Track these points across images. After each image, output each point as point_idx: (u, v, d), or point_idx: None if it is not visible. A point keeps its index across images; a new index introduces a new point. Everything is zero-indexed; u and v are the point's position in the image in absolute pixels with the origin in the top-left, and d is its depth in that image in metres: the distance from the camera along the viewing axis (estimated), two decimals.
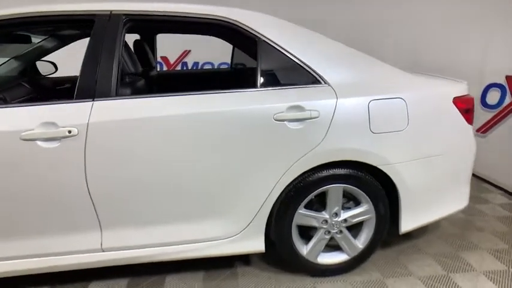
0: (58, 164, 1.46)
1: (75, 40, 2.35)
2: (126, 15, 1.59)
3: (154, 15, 1.62)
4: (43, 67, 2.73)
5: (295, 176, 1.66)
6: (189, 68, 5.44)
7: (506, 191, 2.92)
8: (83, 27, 1.73)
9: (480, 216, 2.51)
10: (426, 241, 2.21)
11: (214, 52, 4.36)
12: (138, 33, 2.57)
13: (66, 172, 1.48)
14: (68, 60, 2.57)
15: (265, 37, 1.67)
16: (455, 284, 1.83)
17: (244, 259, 2.02)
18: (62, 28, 2.03)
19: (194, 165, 1.57)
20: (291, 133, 1.61)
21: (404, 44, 3.85)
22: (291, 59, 1.67)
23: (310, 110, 1.61)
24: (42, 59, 2.50)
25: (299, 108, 1.61)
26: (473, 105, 1.91)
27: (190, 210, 1.64)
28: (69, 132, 1.44)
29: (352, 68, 1.75)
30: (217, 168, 1.60)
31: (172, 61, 5.47)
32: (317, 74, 1.68)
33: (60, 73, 2.87)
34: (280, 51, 1.67)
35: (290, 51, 1.68)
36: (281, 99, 1.61)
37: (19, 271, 1.58)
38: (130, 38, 2.38)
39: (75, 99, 1.49)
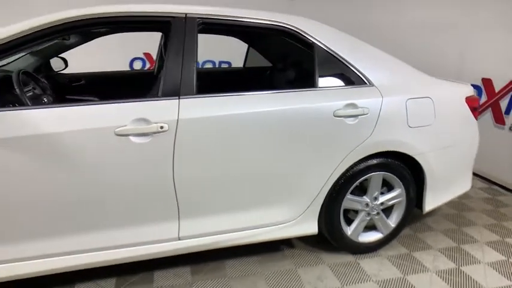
0: (148, 158, 1.55)
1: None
2: (200, 18, 1.70)
3: (224, 19, 1.75)
4: (54, 63, 2.68)
5: (348, 166, 1.90)
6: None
7: (479, 176, 3.42)
8: (159, 28, 1.79)
9: (468, 199, 2.95)
10: (433, 221, 2.57)
11: (202, 50, 4.45)
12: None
13: (155, 166, 1.57)
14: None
15: (321, 42, 1.87)
16: (468, 253, 2.19)
17: (287, 243, 2.22)
18: (140, 28, 2.06)
19: (266, 157, 1.74)
20: (347, 128, 1.84)
21: (388, 46, 4.25)
22: (342, 62, 1.90)
23: (362, 108, 1.85)
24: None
25: (354, 105, 1.84)
26: (479, 104, 2.29)
27: (260, 198, 1.81)
28: (161, 128, 1.53)
29: (390, 70, 2.02)
30: (284, 160, 1.78)
31: (155, 57, 5.43)
32: (364, 75, 1.92)
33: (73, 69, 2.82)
34: (333, 55, 1.89)
35: (341, 55, 1.90)
36: (338, 97, 1.83)
37: (105, 261, 1.63)
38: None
39: (161, 96, 1.58)
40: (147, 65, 5.45)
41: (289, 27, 1.85)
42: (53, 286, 1.78)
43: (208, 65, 5.12)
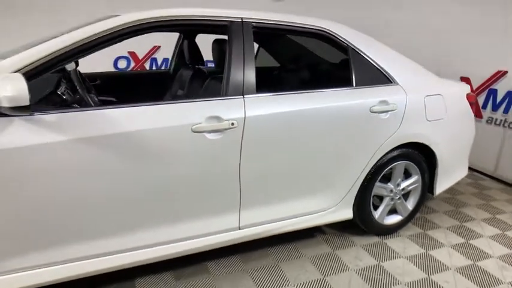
0: (219, 154, 1.66)
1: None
2: (254, 22, 1.83)
3: (273, 23, 1.89)
4: None
5: (379, 156, 2.13)
6: (159, 64, 5.43)
7: None
8: (219, 31, 1.87)
9: (456, 184, 3.30)
10: (435, 204, 2.90)
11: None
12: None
13: (225, 161, 1.68)
14: None
15: (353, 45, 2.08)
16: (470, 229, 2.53)
17: (318, 230, 2.41)
18: (201, 30, 2.10)
19: (317, 150, 1.91)
20: (380, 122, 2.06)
21: None
22: (372, 63, 2.12)
23: (392, 104, 2.09)
24: None
25: (386, 102, 2.07)
26: (476, 100, 2.63)
27: (309, 188, 1.98)
28: (232, 124, 1.65)
29: (409, 70, 2.28)
30: (330, 152, 1.96)
31: (140, 56, 5.38)
32: (390, 75, 2.16)
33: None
34: (364, 56, 2.10)
35: (371, 56, 2.12)
36: (372, 95, 2.05)
37: (174, 254, 1.71)
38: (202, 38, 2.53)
39: (227, 95, 1.69)
40: (132, 64, 5.37)
41: (327, 31, 2.03)
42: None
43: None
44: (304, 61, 2.82)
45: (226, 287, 1.82)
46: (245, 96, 1.72)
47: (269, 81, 1.86)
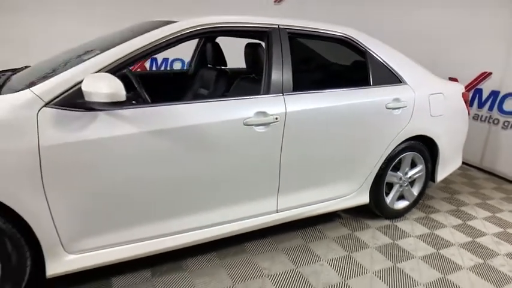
0: (265, 145, 1.88)
1: None
2: (288, 28, 2.07)
3: (303, 29, 2.13)
4: None
5: (392, 148, 2.41)
6: (158, 64, 5.56)
7: None
8: (259, 36, 2.08)
9: (452, 184, 3.67)
10: (432, 192, 3.23)
11: (183, 49, 4.70)
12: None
13: (269, 151, 1.90)
14: None
15: (371, 50, 2.36)
16: (466, 212, 2.87)
17: (335, 215, 2.67)
18: (243, 35, 2.29)
19: (343, 142, 2.17)
20: (393, 118, 2.34)
21: None
22: (385, 65, 2.40)
23: (403, 101, 2.38)
24: None
25: (398, 100, 2.35)
26: (468, 98, 2.97)
27: (336, 175, 2.24)
28: (276, 119, 1.88)
29: (414, 71, 2.58)
30: (354, 144, 2.23)
31: None
32: (399, 76, 2.45)
33: None
34: (378, 59, 2.38)
35: (384, 59, 2.40)
36: (387, 93, 2.33)
37: (221, 235, 1.92)
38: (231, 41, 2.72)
39: (269, 93, 1.92)
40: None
41: (348, 37, 2.29)
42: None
43: (178, 63, 5.28)
44: (328, 63, 3.09)
45: (267, 264, 2.04)
46: (284, 94, 1.96)
47: (297, 81, 2.09)
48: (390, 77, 2.42)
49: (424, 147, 2.62)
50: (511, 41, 3.52)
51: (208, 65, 2.91)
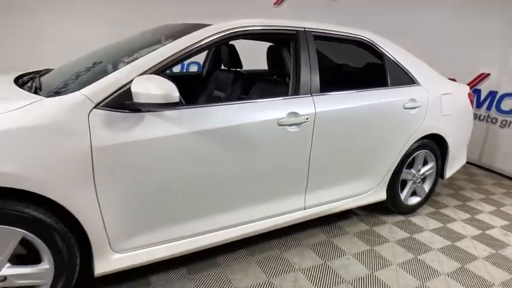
0: (296, 144, 1.95)
1: None
2: (313, 31, 2.14)
3: (326, 32, 2.21)
4: None
5: (408, 146, 2.51)
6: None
7: None
8: (286, 39, 2.14)
9: (455, 181, 3.82)
10: (438, 189, 3.36)
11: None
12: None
13: (299, 150, 1.97)
14: None
15: (388, 52, 2.46)
16: (473, 207, 3.00)
17: (352, 212, 2.76)
18: (271, 38, 2.34)
19: (367, 140, 2.26)
20: (410, 117, 2.45)
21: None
22: (400, 66, 2.51)
23: (419, 101, 2.49)
24: None
25: (414, 100, 2.46)
26: (474, 98, 3.11)
27: (358, 172, 2.32)
28: (307, 119, 1.95)
29: (427, 73, 2.69)
30: (375, 142, 2.32)
31: None
32: (414, 77, 2.56)
33: None
34: (395, 61, 2.48)
35: (399, 61, 2.51)
36: (403, 94, 2.44)
37: (257, 231, 1.98)
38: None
39: (299, 94, 1.99)
40: None
41: (367, 39, 2.39)
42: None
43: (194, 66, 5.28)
44: (346, 64, 3.18)
45: (296, 259, 2.11)
46: (313, 94, 2.03)
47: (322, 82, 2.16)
48: (405, 78, 2.53)
49: (436, 146, 2.73)
50: (508, 43, 3.69)
51: (223, 67, 2.96)
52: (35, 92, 1.57)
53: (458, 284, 1.99)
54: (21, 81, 1.85)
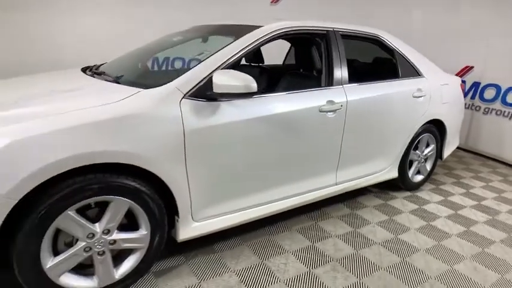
0: (333, 128, 2.28)
1: None
2: (340, 31, 2.47)
3: (348, 31, 2.55)
4: None
5: (416, 130, 2.90)
6: (160, 63, 5.73)
7: None
8: (320, 38, 2.44)
9: (447, 162, 4.28)
10: (439, 176, 3.80)
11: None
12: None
13: (335, 133, 2.30)
14: None
15: (397, 48, 2.83)
16: (467, 184, 3.45)
17: (366, 189, 3.13)
18: (306, 37, 2.53)
19: (385, 124, 2.62)
20: (418, 104, 2.84)
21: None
22: (407, 60, 2.89)
23: (424, 91, 2.88)
24: None
25: (420, 90, 2.85)
26: (465, 88, 3.55)
27: (378, 152, 2.68)
28: (341, 106, 2.28)
29: (428, 66, 3.09)
30: (391, 126, 2.68)
31: None
32: (418, 70, 2.95)
33: None
34: (403, 56, 2.86)
35: (407, 56, 2.89)
36: (412, 84, 2.82)
37: (300, 203, 2.30)
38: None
39: (332, 85, 2.32)
40: None
41: (380, 37, 2.75)
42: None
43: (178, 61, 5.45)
44: (363, 59, 3.54)
45: (331, 227, 2.44)
46: (344, 85, 2.36)
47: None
48: (412, 71, 2.91)
49: (436, 130, 3.15)
50: (489, 38, 4.17)
51: (244, 63, 3.25)
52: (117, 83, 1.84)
53: (467, 242, 2.40)
54: (95, 75, 2.08)
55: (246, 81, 1.71)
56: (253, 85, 1.73)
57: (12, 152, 1.30)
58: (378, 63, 3.02)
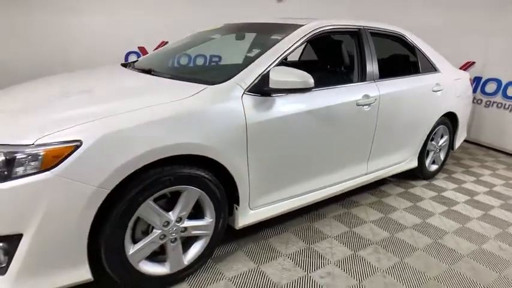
0: (367, 120, 2.43)
1: None
2: (368, 29, 2.62)
3: (376, 29, 2.70)
4: None
5: (434, 122, 3.09)
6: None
7: None
8: (351, 35, 2.57)
9: (454, 153, 4.50)
10: (450, 166, 4.02)
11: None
12: None
13: (369, 125, 2.46)
14: None
15: (417, 45, 3.00)
16: (476, 172, 3.68)
17: (385, 179, 3.30)
18: (339, 34, 2.63)
19: (408, 116, 2.79)
20: (436, 98, 3.02)
21: None
22: (426, 57, 3.07)
23: (441, 85, 3.06)
24: None
25: (438, 84, 3.03)
26: (473, 83, 3.76)
27: (401, 144, 2.85)
28: (375, 100, 2.43)
29: (442, 61, 3.27)
30: (414, 119, 2.86)
31: (150, 51, 5.73)
32: (435, 66, 3.13)
33: None
34: (423, 53, 3.04)
35: (426, 52, 3.06)
36: (431, 79, 3.00)
37: (339, 191, 2.45)
38: None
39: (366, 81, 2.46)
40: None
41: (403, 35, 2.91)
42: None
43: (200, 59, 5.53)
44: (386, 56, 3.70)
45: (363, 214, 2.60)
46: (376, 81, 2.52)
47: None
48: (430, 67, 3.09)
49: (449, 121, 3.34)
50: (490, 35, 4.40)
51: None
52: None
53: (488, 224, 2.60)
54: (144, 71, 2.17)
55: (303, 77, 1.83)
56: (311, 81, 1.85)
57: (104, 145, 1.39)
58: (400, 59, 3.19)
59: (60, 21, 4.89)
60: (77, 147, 1.35)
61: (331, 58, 2.79)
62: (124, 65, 2.53)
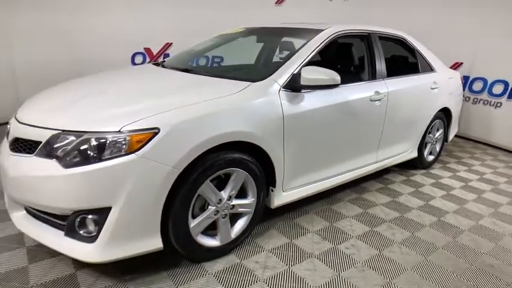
0: (378, 114, 2.74)
1: None
2: (377, 33, 2.94)
3: (381, 33, 3.02)
4: None
5: (432, 116, 3.44)
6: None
7: None
8: (361, 39, 2.88)
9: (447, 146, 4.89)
10: (443, 157, 4.39)
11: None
12: None
13: (380, 119, 2.77)
14: None
15: (417, 48, 3.35)
16: (468, 163, 4.06)
17: (387, 169, 3.63)
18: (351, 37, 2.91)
19: (410, 111, 3.13)
20: (433, 95, 3.37)
21: None
22: (424, 58, 3.42)
23: (437, 84, 3.42)
24: None
25: (435, 83, 3.39)
26: (463, 81, 4.15)
27: (403, 136, 3.18)
28: (384, 96, 2.75)
29: (436, 62, 3.63)
30: (416, 113, 3.20)
31: (155, 52, 5.96)
32: (431, 65, 3.49)
33: None
34: (421, 54, 3.39)
35: (424, 54, 3.42)
36: (428, 78, 3.35)
37: (350, 179, 2.75)
38: None
39: (376, 79, 2.78)
40: (147, 59, 5.93)
41: (403, 38, 3.26)
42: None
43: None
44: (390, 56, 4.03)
45: (373, 198, 2.91)
46: (385, 79, 2.84)
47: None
48: (427, 67, 3.44)
49: (444, 116, 3.71)
50: (476, 37, 4.81)
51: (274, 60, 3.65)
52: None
53: (482, 205, 2.95)
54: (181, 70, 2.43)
55: (331, 75, 2.13)
56: (338, 78, 2.15)
57: (178, 132, 1.65)
58: (401, 59, 3.54)
59: (70, 22, 5.05)
60: (155, 133, 1.60)
61: (344, 59, 3.09)
62: (156, 65, 2.78)
